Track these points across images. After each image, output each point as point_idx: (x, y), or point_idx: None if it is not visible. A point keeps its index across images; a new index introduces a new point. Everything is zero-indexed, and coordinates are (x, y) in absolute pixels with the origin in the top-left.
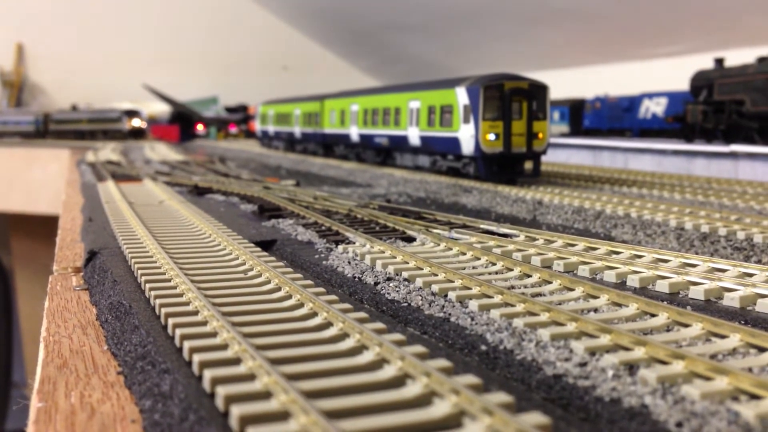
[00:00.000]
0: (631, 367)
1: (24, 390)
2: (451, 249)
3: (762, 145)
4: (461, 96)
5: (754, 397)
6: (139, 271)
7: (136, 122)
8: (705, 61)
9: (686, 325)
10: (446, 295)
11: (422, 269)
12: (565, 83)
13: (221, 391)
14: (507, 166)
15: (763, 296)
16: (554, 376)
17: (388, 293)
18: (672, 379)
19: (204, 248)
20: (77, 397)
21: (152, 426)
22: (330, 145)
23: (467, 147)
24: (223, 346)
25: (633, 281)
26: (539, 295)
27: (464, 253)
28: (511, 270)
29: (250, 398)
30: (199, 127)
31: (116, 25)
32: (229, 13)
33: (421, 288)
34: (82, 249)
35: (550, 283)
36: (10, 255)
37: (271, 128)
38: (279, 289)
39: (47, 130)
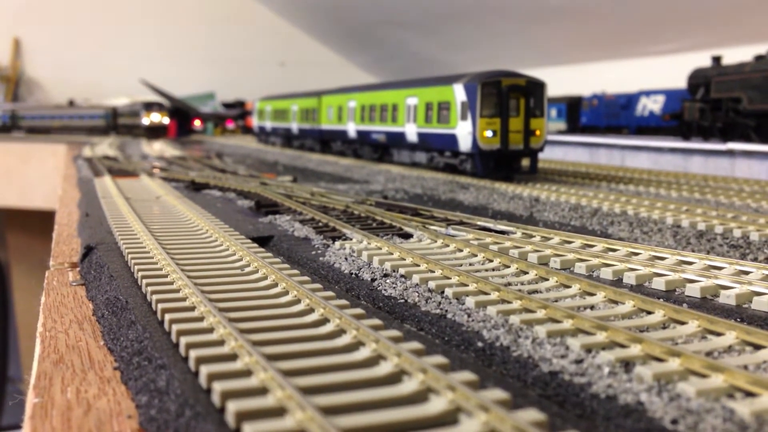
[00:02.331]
0: (627, 364)
1: (20, 385)
2: (447, 246)
3: (759, 143)
4: (459, 93)
5: (750, 394)
6: (136, 267)
7: (155, 117)
8: (702, 59)
9: (682, 323)
10: (443, 292)
11: (419, 266)
12: (562, 80)
13: (218, 387)
14: (504, 163)
15: (758, 294)
16: (550, 373)
17: (385, 290)
18: (668, 377)
19: (201, 244)
20: (73, 392)
21: (148, 422)
22: (327, 142)
23: (464, 144)
24: (220, 342)
25: (629, 278)
26: (536, 292)
27: (461, 250)
28: (508, 267)
29: (246, 394)
30: (197, 123)
31: (113, 20)
32: (226, 9)
33: (417, 284)
34: (78, 244)
35: (547, 280)
36: (5, 250)
37: (269, 124)
38: (276, 285)
39: (116, 124)
